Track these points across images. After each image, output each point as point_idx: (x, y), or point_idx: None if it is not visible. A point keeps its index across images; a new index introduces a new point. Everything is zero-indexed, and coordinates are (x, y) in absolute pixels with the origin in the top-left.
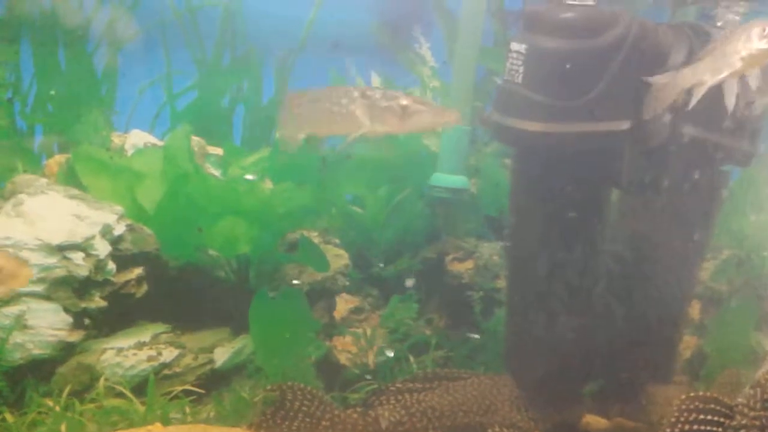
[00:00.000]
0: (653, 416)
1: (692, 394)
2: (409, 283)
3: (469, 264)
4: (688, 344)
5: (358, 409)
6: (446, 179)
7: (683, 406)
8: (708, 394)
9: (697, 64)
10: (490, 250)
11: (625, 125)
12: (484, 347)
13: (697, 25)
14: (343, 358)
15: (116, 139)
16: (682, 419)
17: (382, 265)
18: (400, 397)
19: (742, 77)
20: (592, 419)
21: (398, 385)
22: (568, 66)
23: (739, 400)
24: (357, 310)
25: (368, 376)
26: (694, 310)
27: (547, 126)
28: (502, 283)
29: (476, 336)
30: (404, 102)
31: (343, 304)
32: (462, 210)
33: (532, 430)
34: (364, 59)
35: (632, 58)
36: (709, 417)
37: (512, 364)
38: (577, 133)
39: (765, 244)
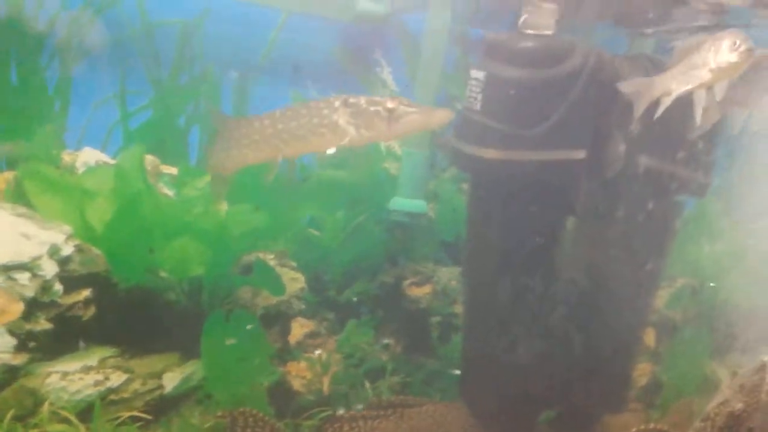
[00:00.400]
0: None
1: (643, 427)
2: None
3: (426, 289)
4: (643, 371)
5: None
6: (405, 203)
7: None
8: (659, 426)
9: (667, 73)
10: (448, 275)
11: (581, 154)
12: (441, 373)
13: (654, 57)
14: (297, 384)
15: (67, 156)
16: None
17: (333, 292)
18: (354, 425)
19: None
20: None
21: (352, 413)
22: (525, 94)
23: None
24: (312, 335)
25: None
26: (650, 337)
27: (504, 153)
28: (459, 308)
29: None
30: (390, 105)
31: (299, 329)
32: (420, 234)
33: None
34: (326, 83)
35: (589, 88)
36: None
37: (467, 391)
38: (533, 162)
39: (718, 274)
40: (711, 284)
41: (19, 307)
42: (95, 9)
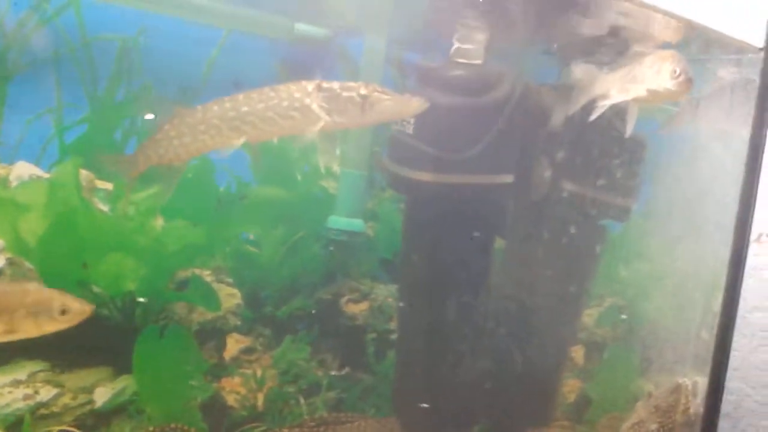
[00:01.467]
0: None
1: None
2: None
3: (364, 305)
4: (572, 388)
5: None
6: (343, 222)
7: None
8: None
9: (612, 74)
10: (386, 292)
11: (508, 179)
12: (376, 389)
13: None
14: (231, 400)
15: (0, 170)
16: None
17: (270, 308)
18: None
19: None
20: None
21: (285, 431)
22: (456, 121)
23: None
24: (248, 350)
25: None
26: (579, 355)
27: (435, 176)
28: (394, 325)
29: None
30: (364, 91)
31: (234, 344)
32: (358, 252)
33: None
34: None
35: (515, 115)
36: None
37: (399, 407)
38: (462, 184)
39: (645, 293)
40: (623, 316)
41: (90, 308)
42: (32, 24)
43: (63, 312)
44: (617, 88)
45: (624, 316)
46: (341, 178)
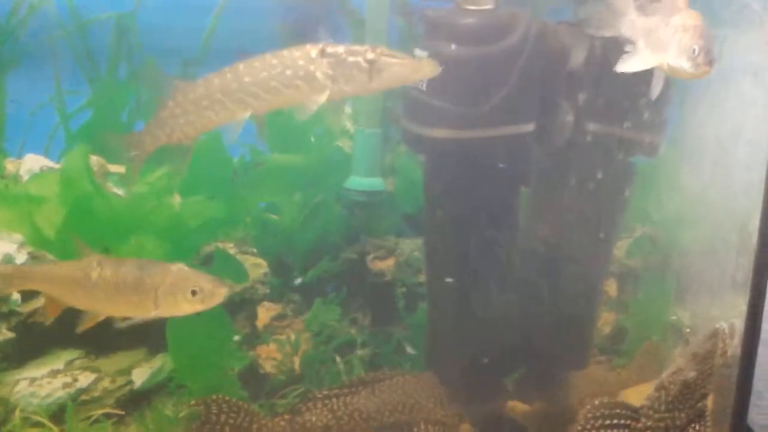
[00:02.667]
0: (573, 398)
1: (597, 402)
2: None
3: (390, 261)
4: (606, 321)
5: (286, 417)
6: (361, 182)
7: (589, 414)
8: (613, 400)
9: (642, 18)
10: (411, 247)
11: (529, 127)
12: (410, 342)
13: None
14: (268, 366)
15: (9, 165)
16: (588, 426)
17: (299, 280)
18: (327, 402)
19: None
20: (514, 406)
21: (325, 392)
22: (470, 72)
23: (644, 402)
24: (279, 317)
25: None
26: (611, 288)
27: (452, 133)
28: (423, 278)
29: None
30: (371, 56)
31: (265, 313)
32: (380, 210)
33: (457, 425)
34: None
35: (533, 60)
36: (614, 421)
37: (433, 360)
38: (482, 138)
39: (676, 221)
40: (658, 231)
41: (224, 290)
42: (24, 11)
43: (193, 293)
44: (644, 41)
45: (657, 244)
46: (355, 138)
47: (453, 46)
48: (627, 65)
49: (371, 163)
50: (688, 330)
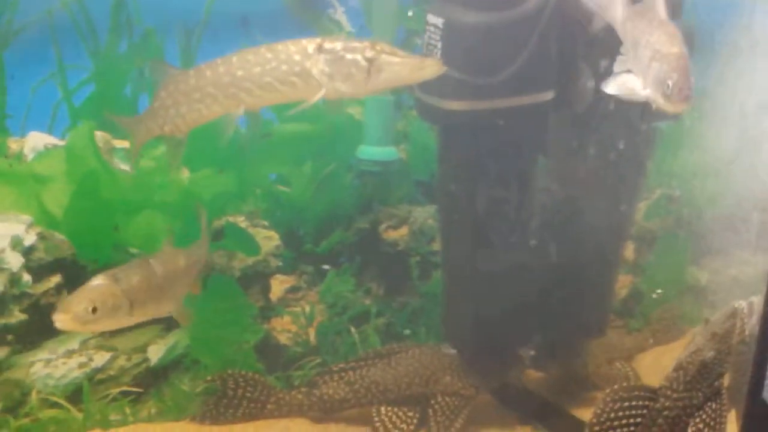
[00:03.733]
0: (591, 366)
1: (616, 387)
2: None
3: (403, 230)
4: (623, 284)
5: (303, 390)
6: (374, 152)
7: (608, 398)
8: (632, 384)
9: (630, 29)
10: (424, 215)
11: (549, 95)
12: (424, 311)
13: None
14: (283, 338)
15: (13, 144)
16: (607, 409)
17: (310, 245)
18: (343, 375)
19: None
20: (532, 375)
21: (341, 365)
22: (488, 40)
23: (663, 382)
24: (293, 289)
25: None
26: (628, 250)
27: (469, 104)
28: (437, 246)
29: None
30: (370, 54)
31: (279, 285)
32: (392, 178)
33: (474, 396)
34: (277, 31)
35: (553, 25)
36: (633, 403)
37: (450, 332)
38: (500, 109)
39: (695, 182)
40: (677, 193)
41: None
42: None
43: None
44: (632, 51)
45: (675, 205)
46: (367, 106)
47: (468, 12)
48: (611, 87)
49: (384, 132)
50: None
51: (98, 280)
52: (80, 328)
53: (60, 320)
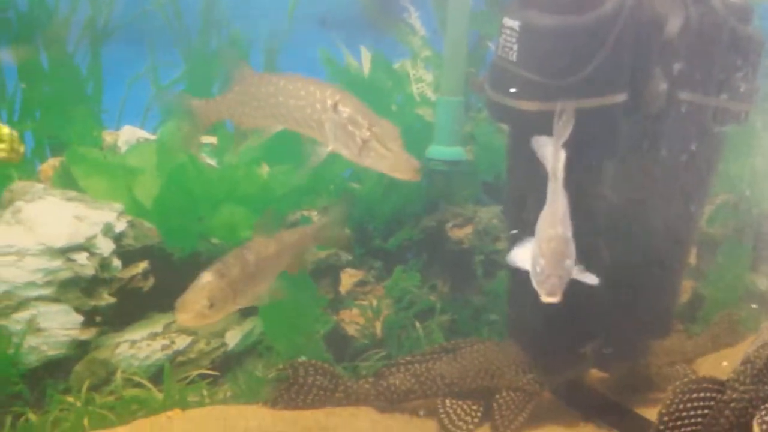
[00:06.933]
0: (653, 368)
1: (686, 380)
2: None
3: (468, 229)
4: (685, 288)
5: (370, 380)
6: (443, 152)
7: (677, 390)
8: (701, 376)
9: None
10: (489, 215)
11: (621, 97)
12: (487, 309)
13: None
14: (351, 330)
15: (108, 137)
16: (676, 400)
17: (378, 241)
18: (409, 367)
19: None
20: (595, 375)
21: (408, 358)
22: (563, 43)
23: (730, 375)
24: (361, 283)
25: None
26: (691, 255)
27: (542, 105)
28: (502, 245)
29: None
30: (365, 135)
31: (348, 279)
32: (459, 178)
33: (538, 392)
34: (353, 33)
35: (628, 28)
36: (701, 395)
37: (515, 330)
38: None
39: (759, 188)
40: (747, 192)
41: None
42: None
43: None
44: None
45: (738, 211)
46: (437, 106)
47: (545, 16)
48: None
49: (453, 132)
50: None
51: (207, 278)
52: (200, 323)
53: (182, 319)
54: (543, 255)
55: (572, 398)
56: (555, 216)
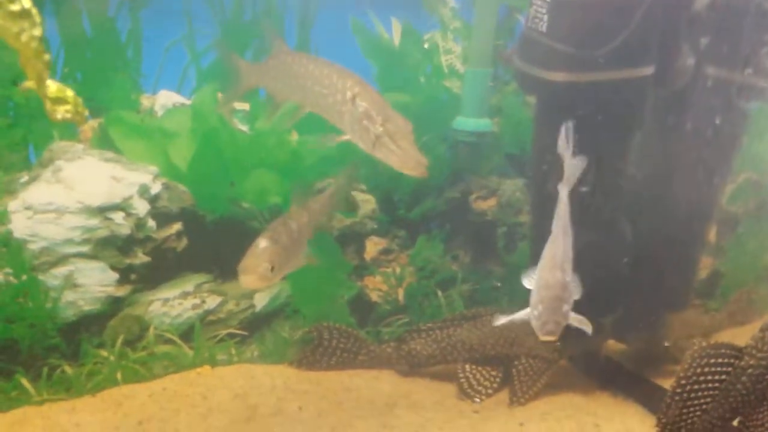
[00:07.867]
0: (670, 340)
1: (704, 344)
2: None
3: (492, 201)
4: (704, 265)
5: (392, 344)
6: (470, 123)
7: (695, 354)
8: (719, 341)
9: None
10: (513, 187)
11: (648, 70)
12: (508, 279)
13: None
14: (374, 296)
15: (145, 101)
16: (694, 364)
17: (403, 210)
18: (431, 333)
19: None
20: (612, 345)
21: (429, 324)
22: (593, 15)
23: (749, 342)
24: (386, 251)
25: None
26: (711, 233)
27: (571, 76)
28: (524, 218)
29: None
30: (378, 130)
31: (373, 246)
32: (485, 150)
33: (556, 360)
34: (385, 4)
35: (657, 2)
36: (719, 360)
37: None
38: (601, 82)
39: None
40: (761, 177)
41: None
42: None
43: None
44: None
45: (759, 190)
46: (465, 78)
47: None
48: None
49: (480, 104)
50: None
51: (264, 243)
52: (262, 285)
53: (247, 281)
54: (542, 301)
55: (589, 367)
56: (555, 260)
